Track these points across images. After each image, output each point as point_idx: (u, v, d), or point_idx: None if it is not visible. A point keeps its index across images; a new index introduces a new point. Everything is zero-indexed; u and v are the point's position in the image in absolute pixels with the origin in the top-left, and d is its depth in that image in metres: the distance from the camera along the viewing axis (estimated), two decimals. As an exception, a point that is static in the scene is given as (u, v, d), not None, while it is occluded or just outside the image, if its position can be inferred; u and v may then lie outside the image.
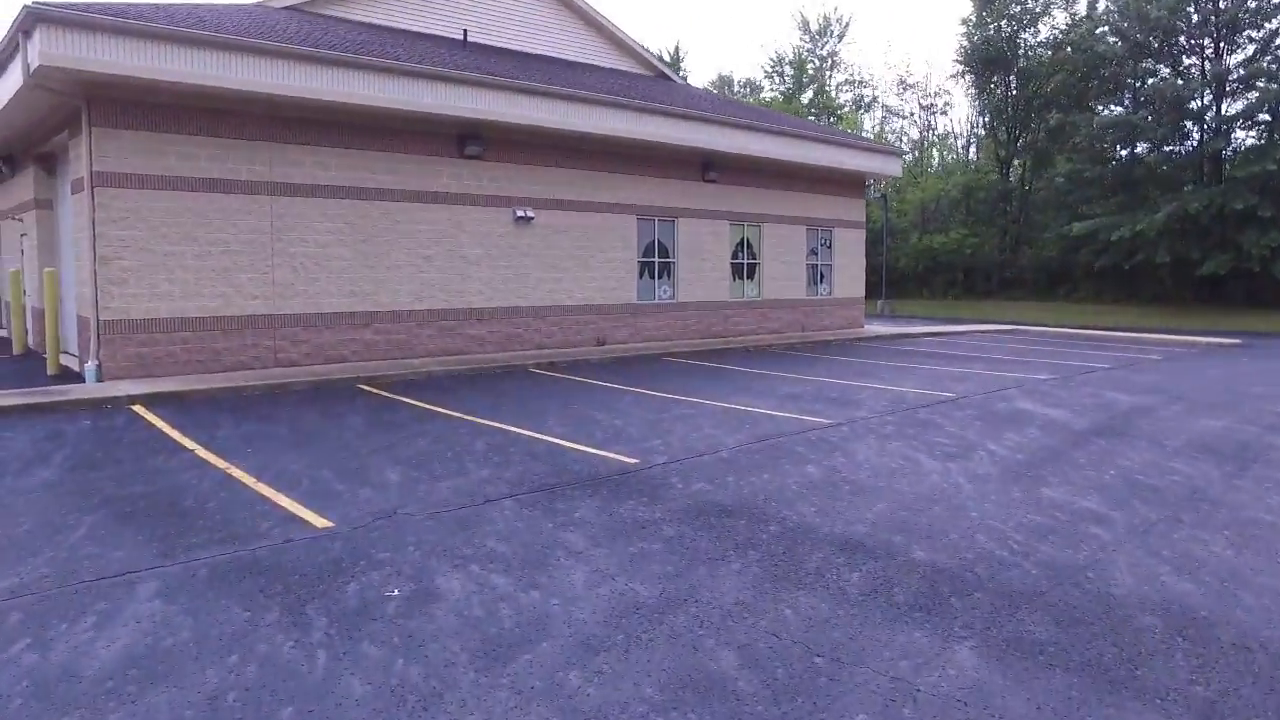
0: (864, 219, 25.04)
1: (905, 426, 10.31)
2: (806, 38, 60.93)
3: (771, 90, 59.43)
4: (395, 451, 8.74)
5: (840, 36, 61.03)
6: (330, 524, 6.37)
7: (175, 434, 9.49)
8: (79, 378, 12.66)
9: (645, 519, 6.54)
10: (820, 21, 61.16)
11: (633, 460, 8.41)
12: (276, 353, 13.83)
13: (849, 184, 23.99)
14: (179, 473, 7.86)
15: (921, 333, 24.24)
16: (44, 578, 5.29)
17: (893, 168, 24.70)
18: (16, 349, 16.32)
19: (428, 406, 11.33)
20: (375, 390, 12.62)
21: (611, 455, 8.61)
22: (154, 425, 9.96)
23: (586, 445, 9.06)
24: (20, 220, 17.77)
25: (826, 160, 21.69)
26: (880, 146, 26.49)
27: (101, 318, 12.31)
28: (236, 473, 7.86)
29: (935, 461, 8.51)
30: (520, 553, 5.78)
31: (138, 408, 10.96)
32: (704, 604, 4.97)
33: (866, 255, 25.53)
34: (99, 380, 12.27)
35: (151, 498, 7.08)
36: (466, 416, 10.62)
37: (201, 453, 8.64)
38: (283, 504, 6.88)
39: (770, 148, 20.13)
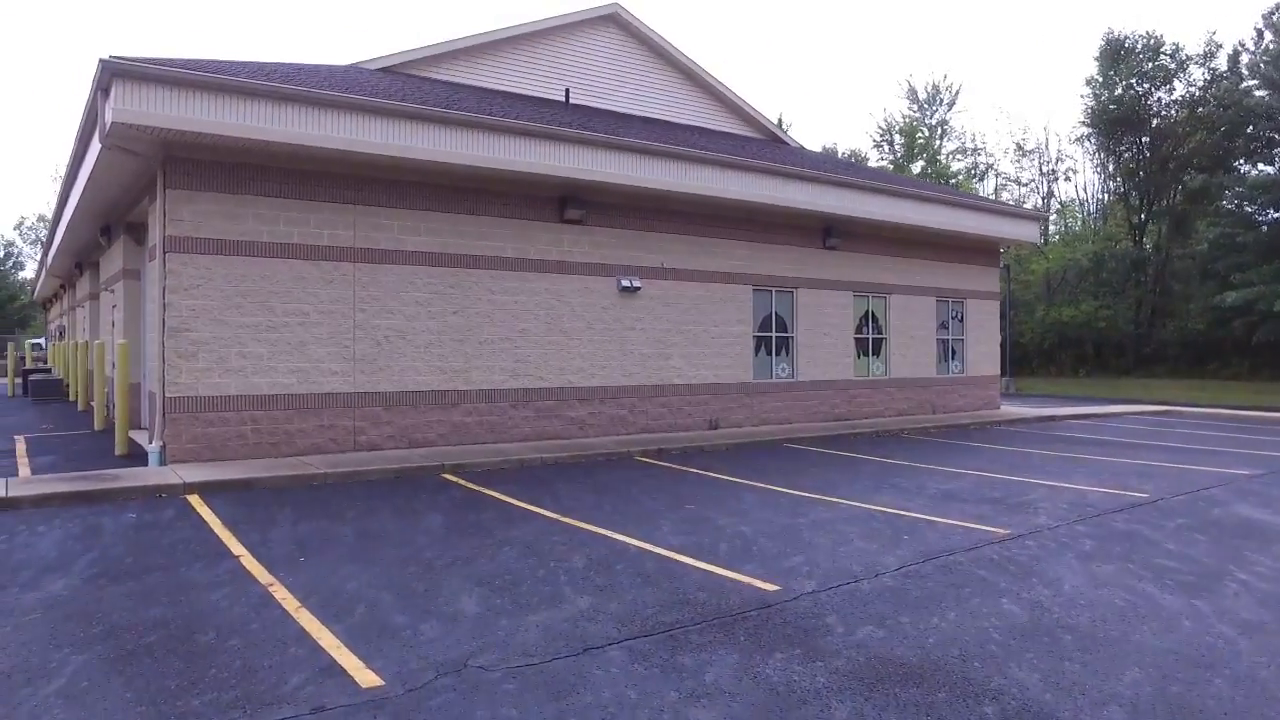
0: (998, 289, 22.82)
1: (1106, 541, 8.17)
2: (914, 107, 59.18)
3: (880, 160, 57.59)
4: (476, 566, 7.11)
5: (950, 105, 59.03)
6: (379, 682, 4.73)
7: (224, 534, 8.09)
8: (145, 459, 11.54)
9: (803, 686, 4.70)
10: (929, 90, 59.33)
11: (772, 586, 6.57)
12: (356, 434, 12.51)
13: (982, 251, 21.88)
14: (212, 590, 6.38)
15: (1066, 415, 21.67)
16: (-29, 771, 3.77)
17: (1030, 232, 22.49)
18: (97, 424, 15.54)
19: (519, 504, 9.71)
20: (461, 481, 11.11)
21: (743, 578, 6.78)
22: (204, 522, 8.60)
23: (710, 562, 7.26)
24: (112, 291, 17.24)
25: (958, 225, 19.70)
26: (1017, 210, 24.33)
27: (168, 394, 11.21)
28: (279, 593, 6.33)
29: (1174, 597, 6.40)
30: (633, 749, 4.00)
31: (193, 498, 9.67)
32: None
33: (997, 328, 23.19)
34: (162, 463, 11.12)
35: (166, 627, 5.59)
36: (564, 519, 8.95)
37: (247, 561, 7.18)
38: (324, 645, 5.29)
39: (897, 211, 18.31)
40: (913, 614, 5.94)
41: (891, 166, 55.17)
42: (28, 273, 73.37)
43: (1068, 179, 57.74)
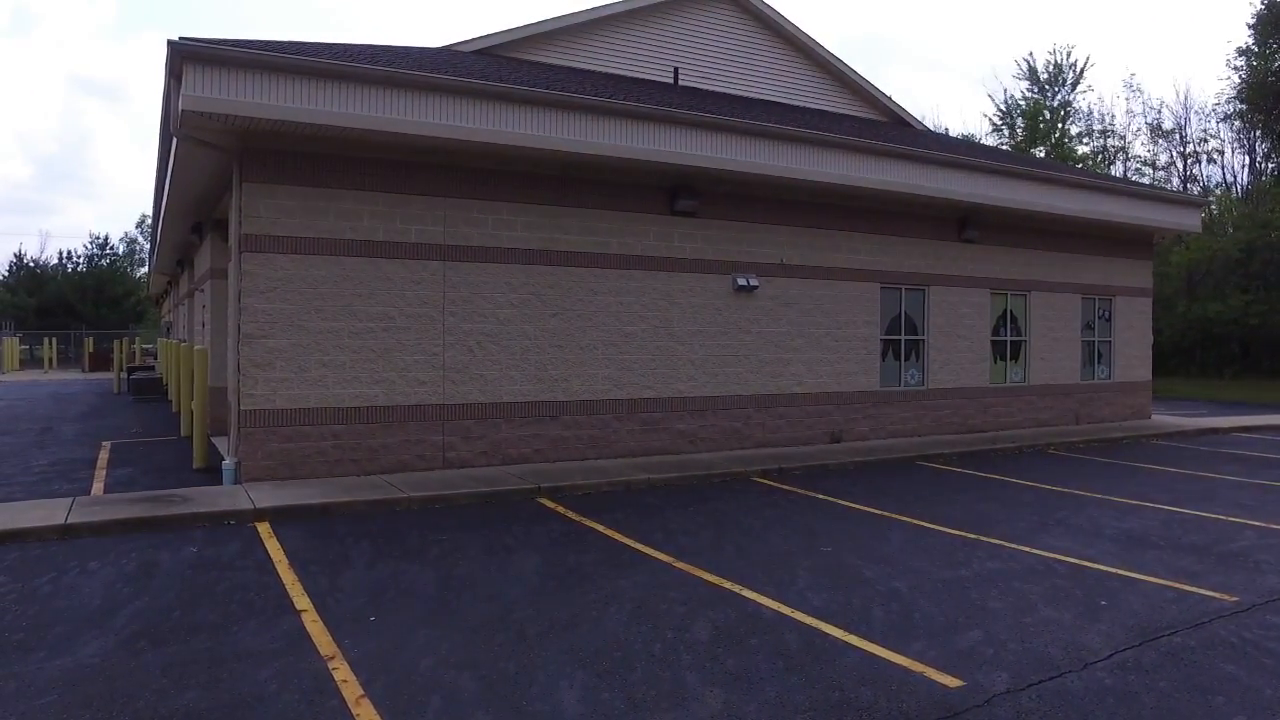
0: (1151, 284, 20.43)
1: (1379, 617, 6.35)
2: (1034, 88, 55.51)
3: (997, 144, 54.27)
4: (578, 634, 5.80)
5: (1074, 84, 55.18)
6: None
7: (289, 578, 6.99)
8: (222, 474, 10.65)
9: None
10: (1050, 69, 55.58)
11: (952, 681, 5.06)
12: (445, 450, 11.40)
13: (1134, 242, 19.58)
14: (262, 664, 5.24)
15: (1231, 426, 19.22)
16: None
17: (1189, 220, 20.02)
18: (183, 431, 14.91)
19: (625, 541, 8.38)
20: (558, 508, 9.84)
21: (913, 665, 5.29)
22: (269, 561, 7.53)
23: (865, 636, 5.78)
24: (203, 291, 16.67)
25: (1111, 213, 17.53)
26: (1176, 195, 21.92)
27: (243, 407, 10.29)
28: (340, 672, 5.14)
29: None
30: None
31: (263, 527, 8.66)
32: None
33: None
34: (236, 481, 10.21)
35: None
36: (679, 564, 7.58)
37: (308, 620, 6.03)
38: (381, 768, 4.05)
39: (1043, 199, 16.32)
40: (1163, 742, 4.36)
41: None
42: (148, 268, 76.01)
43: (1212, 161, 52.98)
